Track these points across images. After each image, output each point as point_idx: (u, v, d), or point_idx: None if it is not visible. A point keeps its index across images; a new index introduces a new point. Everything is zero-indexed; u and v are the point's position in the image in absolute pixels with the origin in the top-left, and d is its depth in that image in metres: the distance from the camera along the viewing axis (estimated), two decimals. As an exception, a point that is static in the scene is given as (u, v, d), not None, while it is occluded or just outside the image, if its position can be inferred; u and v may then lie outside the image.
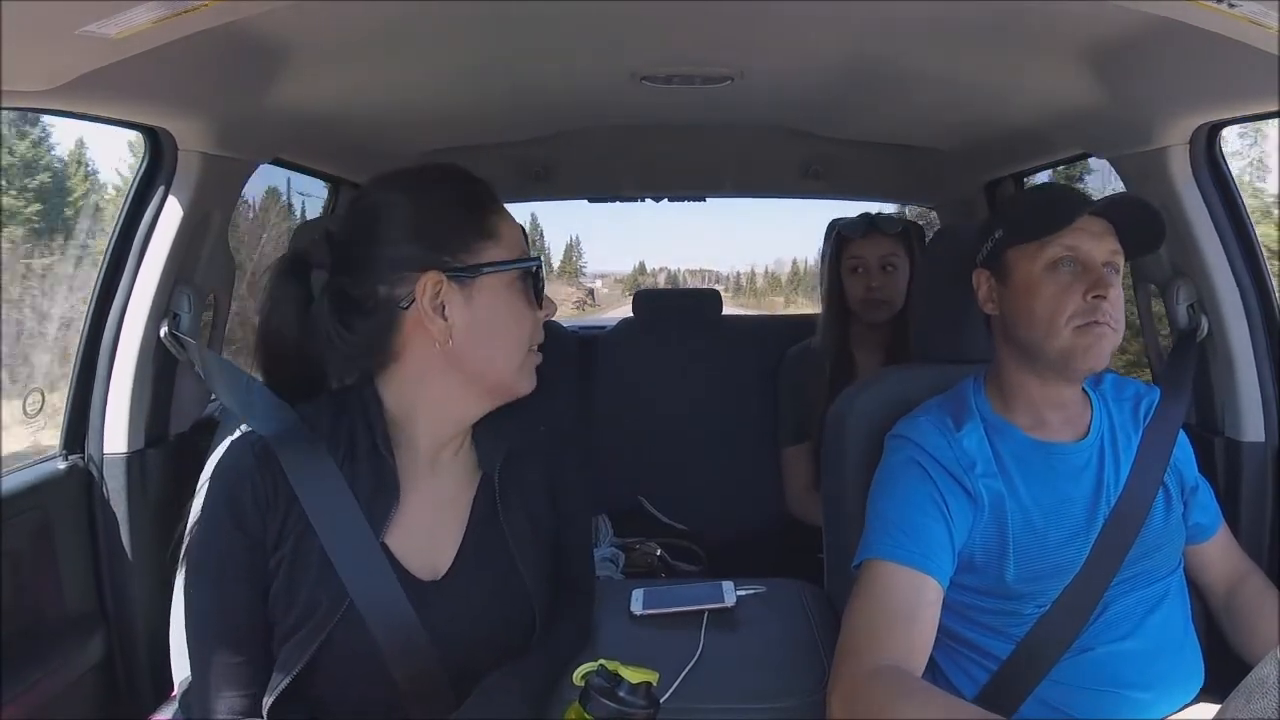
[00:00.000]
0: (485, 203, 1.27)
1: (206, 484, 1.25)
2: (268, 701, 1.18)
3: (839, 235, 2.74)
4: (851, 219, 2.74)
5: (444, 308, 1.21)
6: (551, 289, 1.37)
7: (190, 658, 1.25)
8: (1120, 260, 1.47)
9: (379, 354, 1.26)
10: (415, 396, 1.27)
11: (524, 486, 1.34)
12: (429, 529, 1.27)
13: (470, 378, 1.26)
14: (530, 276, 1.28)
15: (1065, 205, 1.44)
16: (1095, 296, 1.41)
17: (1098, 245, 1.44)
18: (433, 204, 1.25)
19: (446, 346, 1.22)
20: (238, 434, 1.29)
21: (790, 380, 2.83)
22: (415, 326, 1.22)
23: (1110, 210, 1.45)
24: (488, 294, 1.23)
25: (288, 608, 1.19)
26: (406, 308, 1.22)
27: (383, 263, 1.23)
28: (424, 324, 1.21)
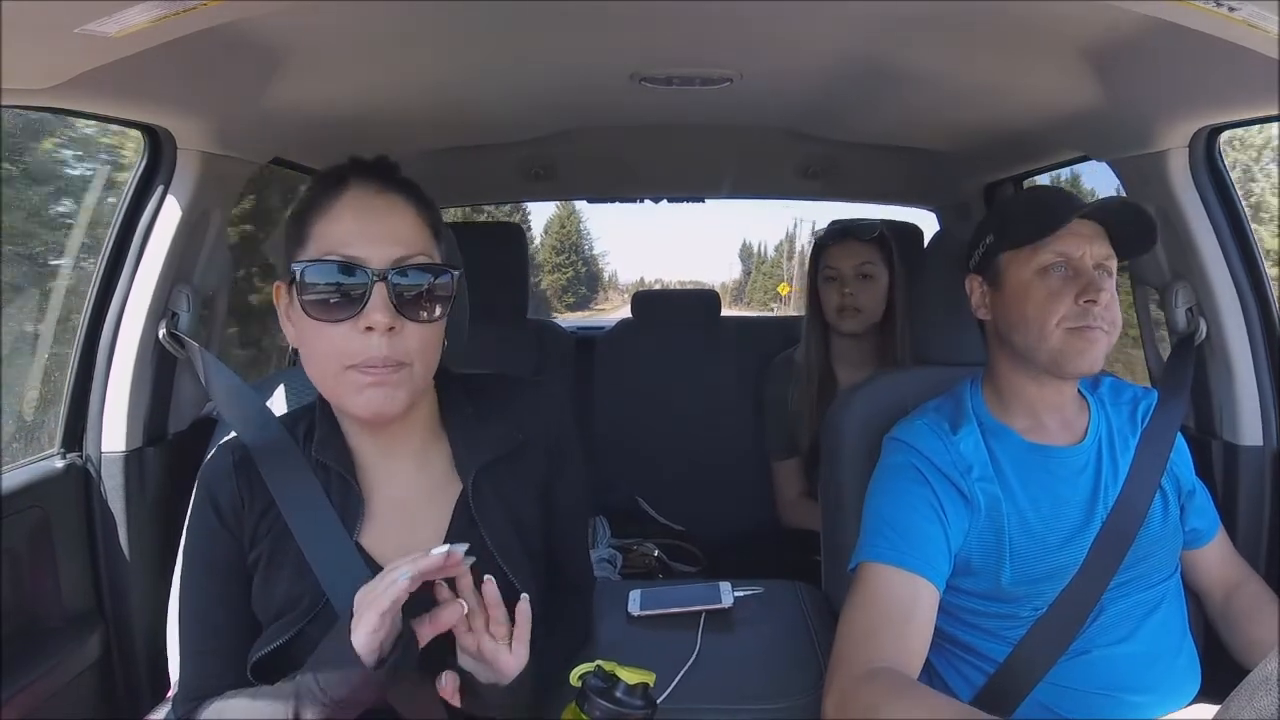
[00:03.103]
0: (311, 204, 1.19)
1: (196, 488, 1.29)
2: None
3: (816, 243, 2.71)
4: (829, 226, 2.71)
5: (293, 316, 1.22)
6: (613, 294, 1.32)
7: (179, 646, 1.29)
8: (1113, 263, 1.47)
9: None
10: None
11: (506, 493, 1.32)
12: (405, 532, 1.27)
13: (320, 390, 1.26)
14: (307, 287, 1.16)
15: (1055, 210, 1.45)
16: (1087, 301, 1.42)
17: (1089, 249, 1.45)
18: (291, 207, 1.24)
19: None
20: (226, 438, 1.31)
21: (774, 392, 2.80)
22: None
23: (1101, 213, 1.45)
24: (295, 304, 1.19)
25: (266, 603, 1.23)
26: None
27: None
28: None
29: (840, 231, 2.64)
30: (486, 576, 1.12)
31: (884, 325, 2.61)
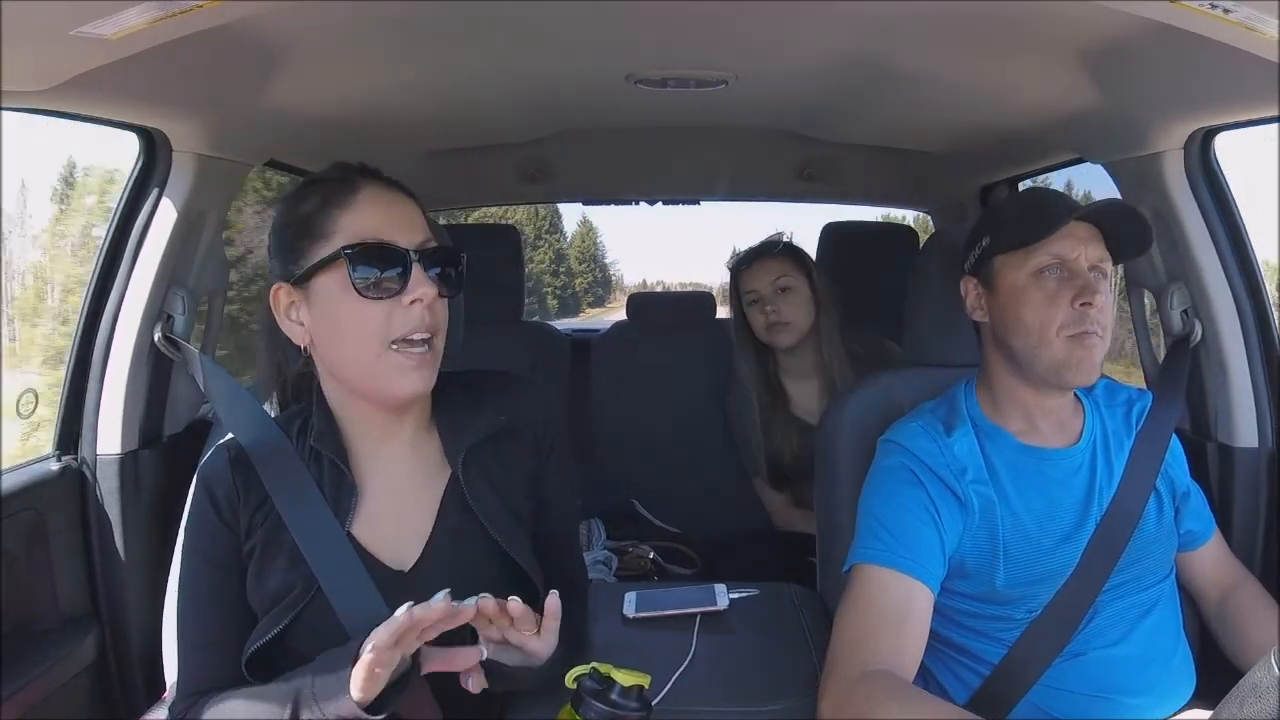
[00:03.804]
0: (328, 201, 1.24)
1: (194, 486, 1.32)
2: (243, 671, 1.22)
3: (731, 273, 2.72)
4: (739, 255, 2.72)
5: (298, 312, 1.26)
6: (619, 295, 1.33)
7: (177, 642, 1.30)
8: (1108, 265, 1.47)
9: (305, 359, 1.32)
10: (330, 396, 1.32)
11: (495, 479, 1.35)
12: (395, 520, 1.31)
13: (339, 379, 1.29)
14: (358, 267, 1.20)
15: (1050, 212, 1.44)
16: (1082, 304, 1.41)
17: (1085, 251, 1.44)
18: (279, 216, 1.28)
19: (312, 349, 1.28)
20: (223, 439, 1.34)
21: (733, 413, 2.81)
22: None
23: (1096, 215, 1.45)
24: (321, 294, 1.23)
25: (260, 593, 1.25)
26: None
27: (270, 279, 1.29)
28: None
29: (749, 255, 2.67)
30: (512, 599, 1.13)
31: (818, 333, 2.63)
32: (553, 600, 1.17)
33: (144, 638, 1.82)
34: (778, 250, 2.64)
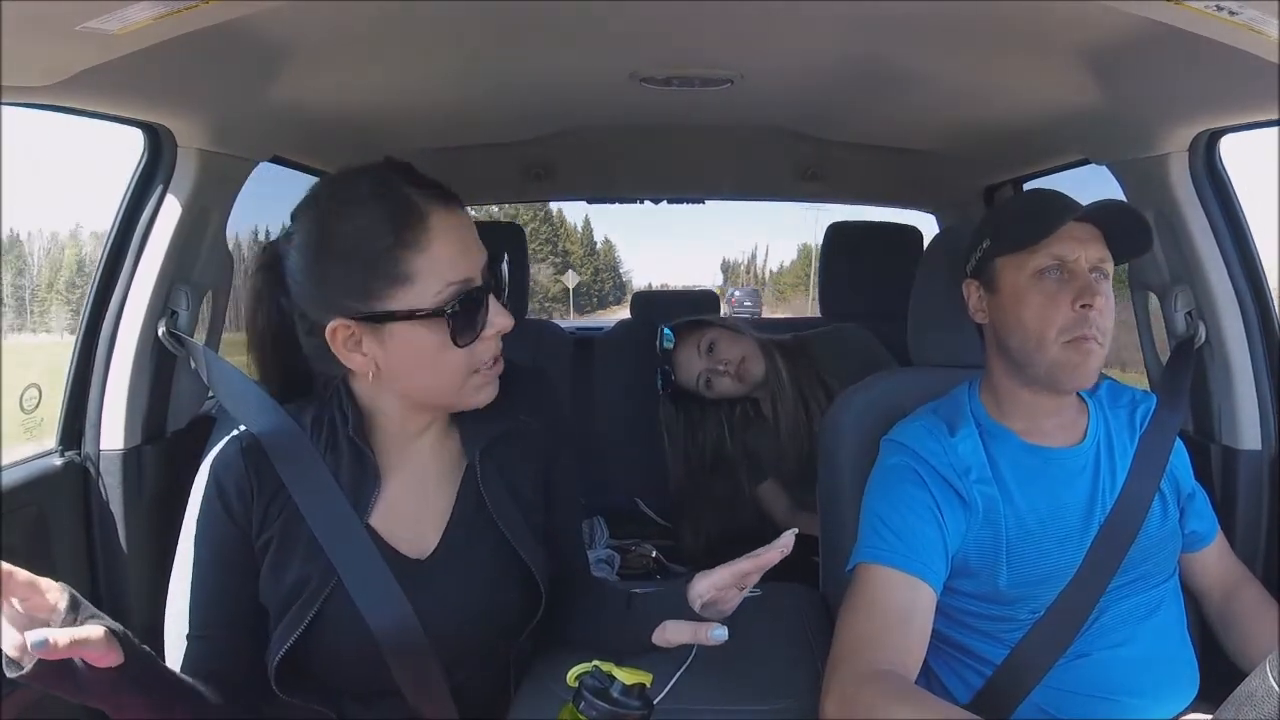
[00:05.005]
0: (396, 238, 1.19)
1: (203, 478, 1.31)
2: (272, 675, 1.23)
3: (677, 389, 2.71)
4: (660, 372, 2.73)
5: (361, 344, 1.22)
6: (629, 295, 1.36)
7: (180, 633, 1.33)
8: (1109, 266, 1.47)
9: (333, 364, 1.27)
10: (373, 399, 1.31)
11: (510, 475, 1.37)
12: (414, 510, 1.32)
13: (406, 398, 1.29)
14: (456, 312, 1.20)
15: (1049, 213, 1.44)
16: (1083, 306, 1.41)
17: (1085, 251, 1.44)
18: (341, 243, 1.21)
19: (377, 374, 1.24)
20: (234, 431, 1.33)
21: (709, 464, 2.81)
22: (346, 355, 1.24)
23: (1096, 215, 1.45)
24: (401, 339, 1.21)
25: (276, 587, 1.26)
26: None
27: (301, 298, 1.24)
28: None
29: (668, 363, 2.70)
30: (791, 532, 1.31)
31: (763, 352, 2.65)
32: (777, 550, 1.34)
33: (146, 634, 1.80)
34: (673, 339, 2.68)
